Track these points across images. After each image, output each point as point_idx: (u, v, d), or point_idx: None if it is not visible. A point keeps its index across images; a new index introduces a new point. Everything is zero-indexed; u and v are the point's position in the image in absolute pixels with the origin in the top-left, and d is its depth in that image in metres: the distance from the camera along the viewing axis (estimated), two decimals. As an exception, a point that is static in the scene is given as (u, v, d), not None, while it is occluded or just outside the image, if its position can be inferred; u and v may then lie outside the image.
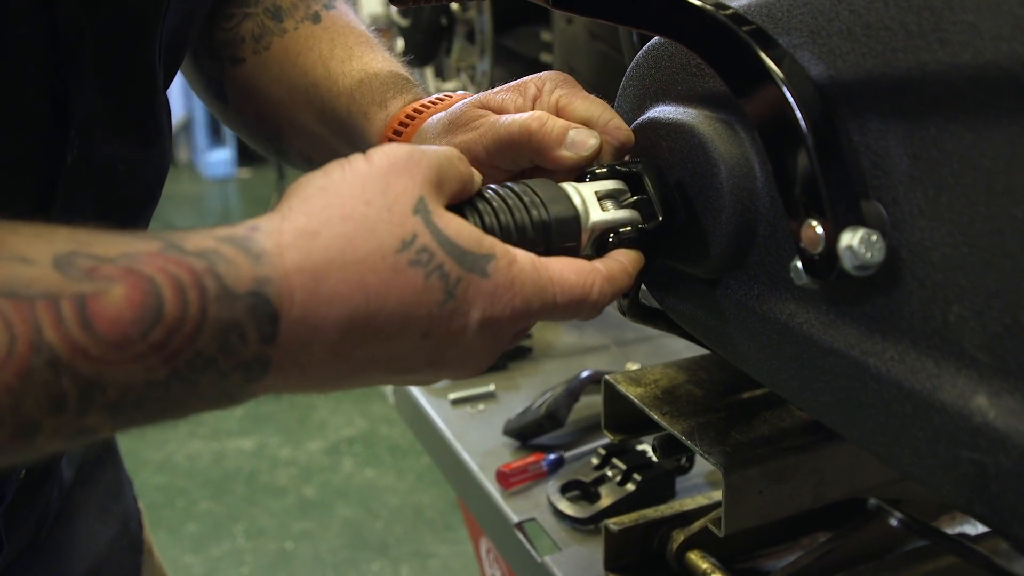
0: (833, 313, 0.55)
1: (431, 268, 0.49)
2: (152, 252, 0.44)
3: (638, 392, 0.86)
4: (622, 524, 0.95)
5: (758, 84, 0.52)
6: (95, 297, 0.42)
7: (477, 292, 0.50)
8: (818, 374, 0.57)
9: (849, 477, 0.80)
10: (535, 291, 0.53)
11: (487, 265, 0.51)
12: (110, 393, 0.42)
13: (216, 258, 0.45)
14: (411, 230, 0.48)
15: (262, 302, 0.45)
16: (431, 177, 0.51)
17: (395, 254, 0.48)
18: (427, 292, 0.49)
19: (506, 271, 0.51)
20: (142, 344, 0.42)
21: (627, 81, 0.71)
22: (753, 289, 0.61)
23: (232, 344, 0.45)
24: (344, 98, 0.77)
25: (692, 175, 0.62)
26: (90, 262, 0.43)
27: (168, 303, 0.43)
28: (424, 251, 0.49)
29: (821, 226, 0.50)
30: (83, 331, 0.41)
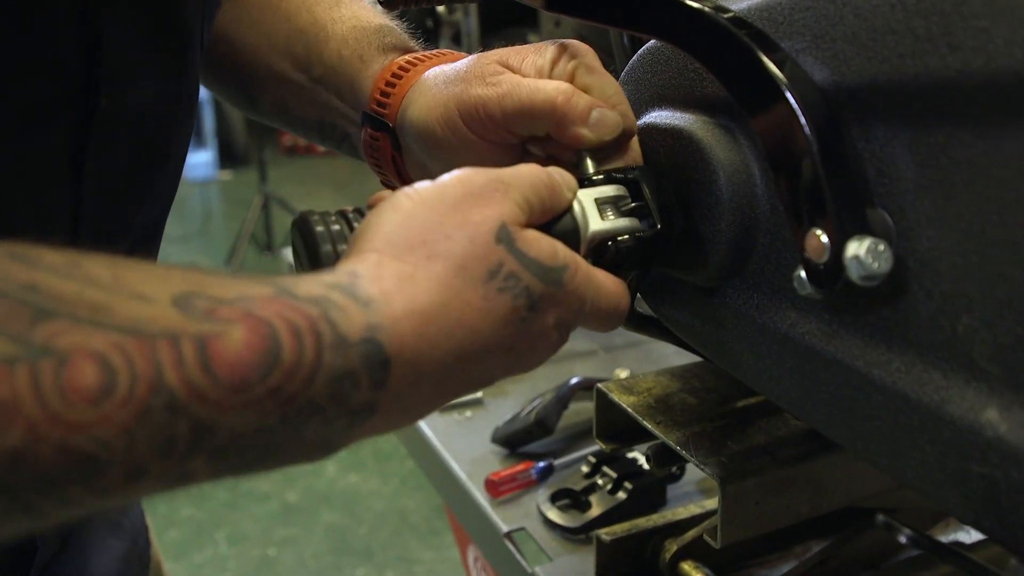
0: (836, 323, 0.54)
1: (518, 291, 0.50)
2: (266, 297, 0.43)
3: (631, 401, 0.84)
4: (614, 534, 0.93)
5: (760, 89, 0.51)
6: (215, 339, 0.41)
7: (552, 301, 0.52)
8: (820, 385, 0.55)
9: (846, 487, 0.79)
10: (591, 294, 0.54)
11: (563, 275, 0.52)
12: (219, 437, 0.41)
13: (328, 305, 0.44)
14: (497, 259, 0.49)
15: (375, 349, 0.45)
16: (510, 203, 0.51)
17: (484, 285, 0.48)
18: (514, 311, 0.50)
19: (575, 277, 0.53)
20: (260, 388, 0.41)
21: (623, 84, 0.70)
22: (752, 298, 0.60)
23: (344, 391, 0.44)
24: (335, 42, 0.75)
25: (690, 182, 0.61)
26: (208, 303, 0.42)
27: (286, 349, 0.42)
28: (511, 277, 0.49)
29: (826, 235, 0.49)
30: (203, 373, 0.40)
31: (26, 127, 0.54)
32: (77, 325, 0.38)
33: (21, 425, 0.36)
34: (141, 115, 0.63)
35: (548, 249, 0.52)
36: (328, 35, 0.75)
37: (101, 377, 0.38)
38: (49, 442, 0.37)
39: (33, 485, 0.38)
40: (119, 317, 0.39)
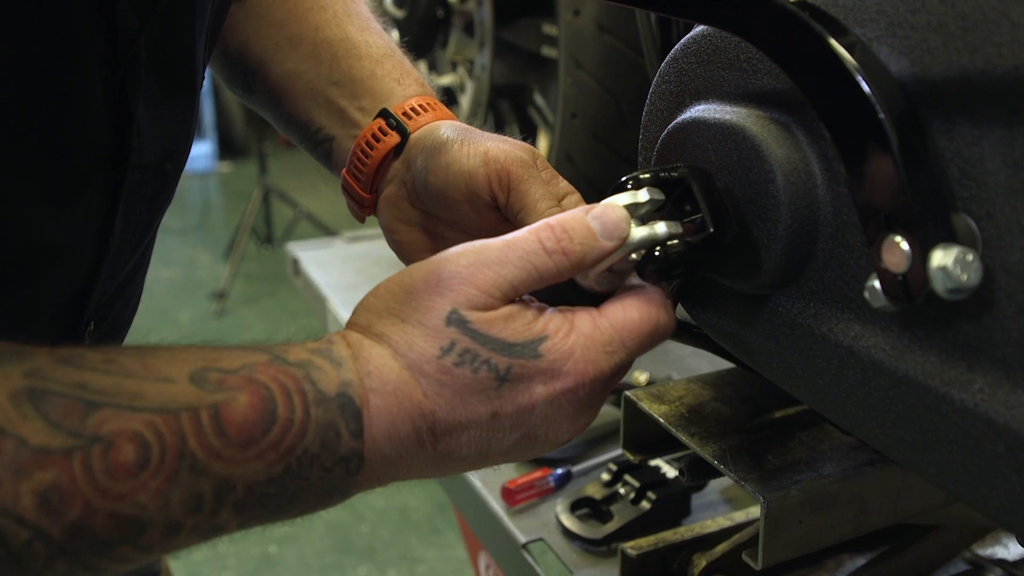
0: (908, 337, 0.50)
1: (477, 364, 0.53)
2: (264, 363, 0.51)
3: (662, 410, 0.80)
4: (640, 548, 0.89)
5: (829, 77, 0.46)
6: (226, 404, 0.48)
7: (533, 371, 0.54)
8: (888, 404, 0.51)
9: (893, 504, 0.74)
10: (602, 350, 0.55)
11: (538, 347, 0.54)
12: (238, 490, 0.48)
13: (310, 367, 0.51)
14: (448, 339, 0.53)
15: (348, 401, 0.51)
16: (470, 292, 0.54)
17: (437, 360, 0.53)
18: (478, 381, 0.53)
19: (562, 344, 0.54)
20: (263, 442, 0.49)
21: (662, 77, 0.65)
22: (809, 307, 0.56)
23: (331, 440, 0.50)
24: (368, 61, 0.80)
25: (743, 182, 0.56)
26: (218, 375, 0.49)
27: (280, 406, 0.49)
28: (466, 352, 0.53)
29: (907, 243, 0.44)
30: (218, 436, 0.48)
31: (62, 197, 0.60)
32: (118, 412, 0.46)
33: (79, 503, 0.44)
34: (160, 160, 0.69)
35: (517, 327, 0.54)
36: (361, 53, 0.81)
37: (138, 452, 0.46)
38: (101, 512, 0.45)
39: (91, 548, 0.46)
40: (150, 400, 0.47)
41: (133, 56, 0.61)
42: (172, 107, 0.69)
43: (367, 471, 0.52)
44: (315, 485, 0.51)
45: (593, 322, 0.56)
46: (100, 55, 0.59)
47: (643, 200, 0.56)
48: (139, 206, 0.69)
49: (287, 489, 0.50)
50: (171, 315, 4.39)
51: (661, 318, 0.57)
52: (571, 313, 0.56)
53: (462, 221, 0.72)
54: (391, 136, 0.76)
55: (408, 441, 0.53)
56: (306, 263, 1.88)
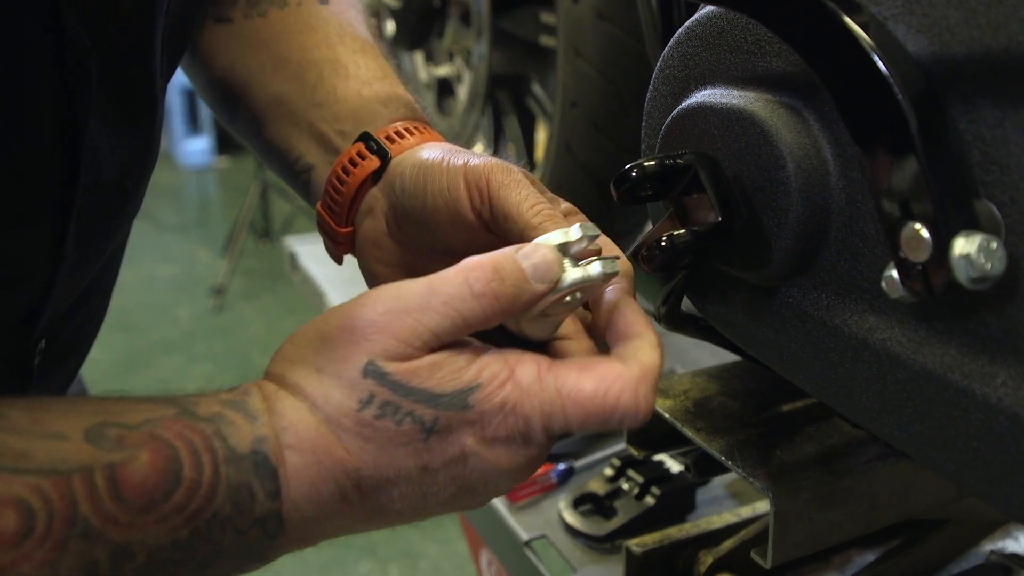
0: (925, 329, 0.48)
1: (400, 416, 0.49)
2: (169, 417, 0.47)
3: (667, 405, 0.78)
4: (645, 545, 0.87)
5: (844, 57, 0.44)
6: (124, 465, 0.45)
7: (461, 422, 0.50)
8: (905, 399, 0.49)
9: (904, 499, 0.73)
10: (538, 408, 0.50)
11: (468, 398, 0.50)
12: (139, 557, 0.45)
13: (222, 421, 0.48)
14: (366, 391, 0.49)
15: (263, 459, 0.48)
16: (378, 344, 0.50)
17: (357, 413, 0.49)
18: (403, 434, 0.49)
19: (495, 395, 0.50)
20: (165, 506, 0.45)
21: (666, 62, 0.63)
22: (821, 299, 0.54)
23: (244, 502, 0.47)
24: (355, 81, 0.73)
25: (752, 169, 0.54)
26: (118, 431, 0.46)
27: (186, 466, 0.46)
28: (387, 405, 0.49)
29: (927, 230, 0.42)
30: (114, 500, 0.44)
31: (10, 225, 0.57)
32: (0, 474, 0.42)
33: None
34: (119, 178, 0.65)
35: (445, 375, 0.50)
36: (348, 73, 0.75)
37: (21, 520, 0.42)
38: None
39: None
40: (38, 460, 0.43)
41: (83, 75, 0.58)
42: (131, 124, 0.65)
43: (288, 533, 0.49)
44: (229, 549, 0.47)
45: (538, 376, 0.50)
46: (47, 75, 0.56)
47: (575, 238, 0.52)
48: (94, 225, 0.64)
49: (196, 554, 0.46)
50: (170, 312, 4.37)
51: (623, 402, 0.50)
52: (515, 358, 0.51)
53: (450, 248, 0.64)
54: (370, 160, 0.68)
55: (332, 500, 0.49)
56: (304, 257, 1.86)
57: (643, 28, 0.93)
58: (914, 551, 0.86)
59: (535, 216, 0.56)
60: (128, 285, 4.49)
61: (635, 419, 0.51)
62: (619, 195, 0.56)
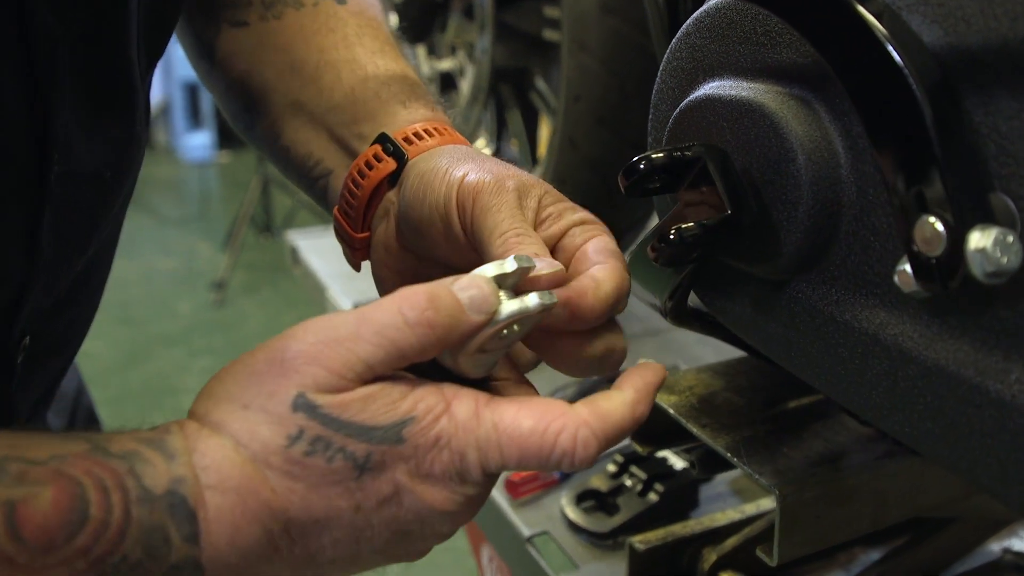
0: (938, 325, 0.47)
1: (331, 452, 0.46)
2: (80, 453, 0.44)
3: (672, 401, 0.77)
4: (648, 542, 0.87)
5: (861, 49, 0.43)
6: (24, 502, 0.42)
7: (395, 457, 0.47)
8: (916, 396, 0.48)
9: (913, 497, 0.72)
10: (474, 444, 0.48)
11: (402, 431, 0.47)
12: None
13: (136, 459, 0.45)
14: (296, 426, 0.46)
15: (179, 501, 0.44)
16: (308, 375, 0.47)
17: (285, 450, 0.46)
18: (335, 472, 0.47)
19: (430, 428, 0.48)
20: (68, 548, 0.42)
21: (673, 54, 0.63)
22: (831, 293, 0.53)
23: (157, 546, 0.44)
24: (373, 83, 0.71)
25: (762, 161, 0.53)
26: (21, 466, 0.43)
27: (93, 505, 0.43)
28: (318, 440, 0.46)
29: (942, 223, 0.41)
30: (11, 539, 0.41)
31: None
32: None
33: None
34: (96, 169, 0.63)
35: (379, 408, 0.47)
36: (366, 74, 0.73)
37: None
38: None
39: None
40: None
41: (51, 62, 0.56)
42: (108, 115, 0.63)
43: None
44: None
45: (475, 411, 0.48)
46: (13, 62, 0.54)
47: (510, 270, 0.50)
48: (72, 217, 0.63)
49: None
50: (170, 306, 4.37)
51: (561, 442, 0.48)
52: (452, 392, 0.49)
53: (446, 262, 0.62)
54: (386, 163, 0.65)
55: (258, 546, 0.46)
56: (305, 251, 1.85)
57: (649, 21, 0.92)
58: (920, 550, 0.85)
59: (501, 246, 0.54)
60: (129, 279, 4.48)
61: (573, 463, 0.48)
62: (627, 188, 0.55)
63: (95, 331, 0.80)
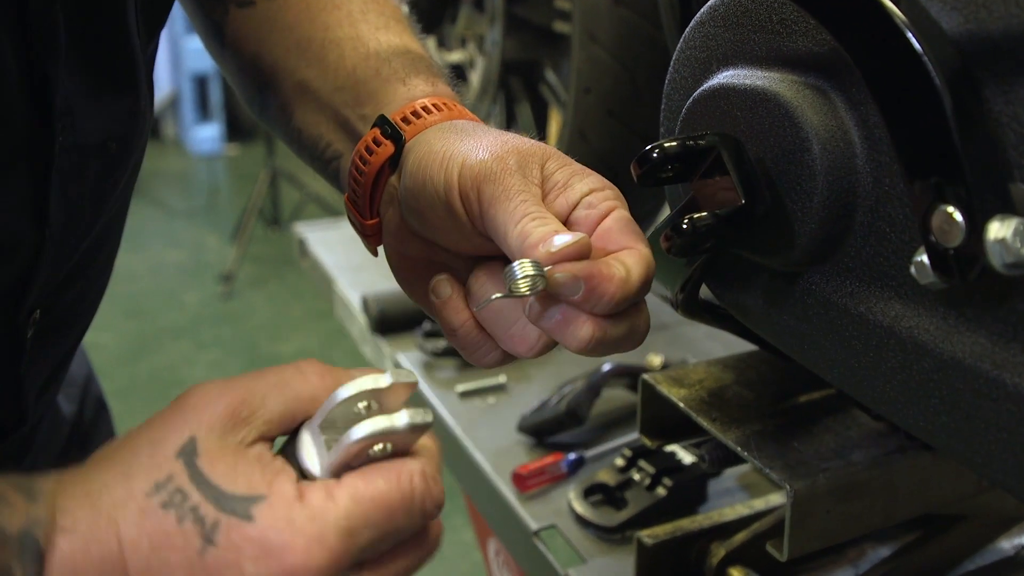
0: (954, 317, 0.46)
1: (183, 510, 0.44)
2: None
3: (682, 394, 0.77)
4: (657, 537, 0.86)
5: (880, 37, 0.43)
6: None
7: (243, 538, 0.44)
8: (932, 389, 0.48)
9: (923, 493, 0.71)
10: (334, 526, 0.45)
11: (251, 507, 0.44)
12: None
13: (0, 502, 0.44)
14: (167, 472, 0.45)
15: (30, 542, 0.43)
16: (219, 416, 0.47)
17: (146, 497, 0.45)
18: (181, 537, 0.44)
19: (280, 511, 0.44)
20: None
21: (687, 43, 0.62)
22: (846, 285, 0.52)
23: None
24: (374, 60, 0.70)
25: (776, 151, 0.53)
26: None
27: None
28: (178, 492, 0.45)
29: (960, 214, 0.41)
30: None
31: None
32: None
33: None
34: (102, 141, 0.63)
35: (240, 474, 0.45)
36: (369, 52, 0.71)
37: None
38: None
39: None
40: None
41: (48, 28, 0.55)
42: (109, 87, 0.62)
43: None
44: None
45: (327, 493, 0.46)
46: (9, 22, 0.53)
47: (384, 385, 0.48)
48: (80, 189, 0.62)
49: None
50: (178, 297, 4.37)
51: (416, 487, 0.47)
52: (305, 485, 0.46)
53: (452, 247, 0.61)
54: (385, 147, 0.63)
55: None
56: (313, 244, 1.85)
57: (660, 11, 0.92)
58: (930, 546, 0.84)
59: (518, 237, 0.52)
60: (137, 271, 4.49)
61: (433, 502, 0.48)
62: (639, 176, 0.55)
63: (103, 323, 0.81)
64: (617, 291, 0.50)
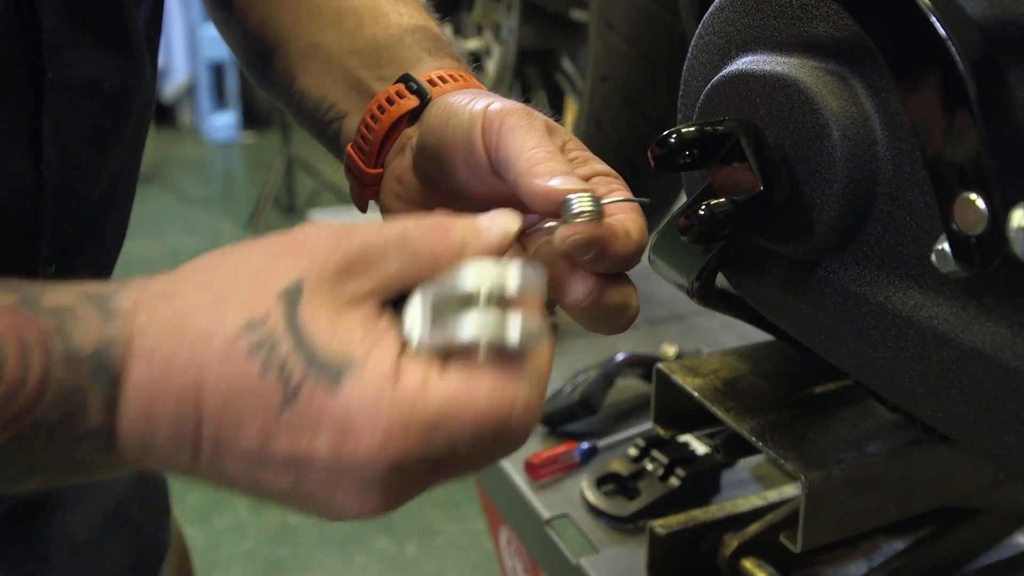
0: (975, 306, 0.46)
1: (271, 361, 0.41)
2: (5, 307, 0.41)
3: (696, 384, 0.76)
4: (670, 527, 0.86)
5: (903, 21, 0.42)
6: None
7: (324, 408, 0.41)
8: (951, 379, 0.47)
9: (939, 486, 0.71)
10: (418, 425, 0.41)
11: (342, 373, 0.41)
12: None
13: (68, 316, 0.42)
14: (265, 311, 0.42)
15: (104, 364, 0.41)
16: (331, 262, 0.43)
17: (235, 335, 0.41)
18: (262, 387, 0.41)
19: (370, 384, 0.41)
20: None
21: (705, 29, 0.61)
22: (864, 274, 0.52)
23: (74, 410, 0.41)
24: (396, 29, 0.70)
25: (795, 138, 0.52)
26: None
27: (10, 365, 0.40)
28: (268, 339, 0.41)
29: (983, 201, 0.40)
30: None
31: None
32: None
33: None
34: (94, 82, 0.62)
35: (336, 335, 0.42)
36: (390, 21, 0.70)
37: None
38: None
39: None
40: None
41: None
42: (94, 28, 0.61)
43: (122, 452, 0.42)
44: (55, 459, 0.42)
45: (423, 381, 0.41)
46: None
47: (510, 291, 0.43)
48: (75, 131, 0.61)
49: (17, 461, 0.41)
50: (193, 284, 4.39)
51: (514, 416, 0.42)
52: (405, 360, 0.42)
53: (464, 190, 0.60)
54: (408, 99, 0.64)
55: (169, 429, 0.42)
56: (327, 231, 1.85)
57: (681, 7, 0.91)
58: (945, 540, 0.84)
59: (527, 160, 0.51)
60: (152, 257, 4.50)
61: (526, 434, 0.43)
62: (657, 162, 0.54)
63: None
64: (620, 247, 0.50)
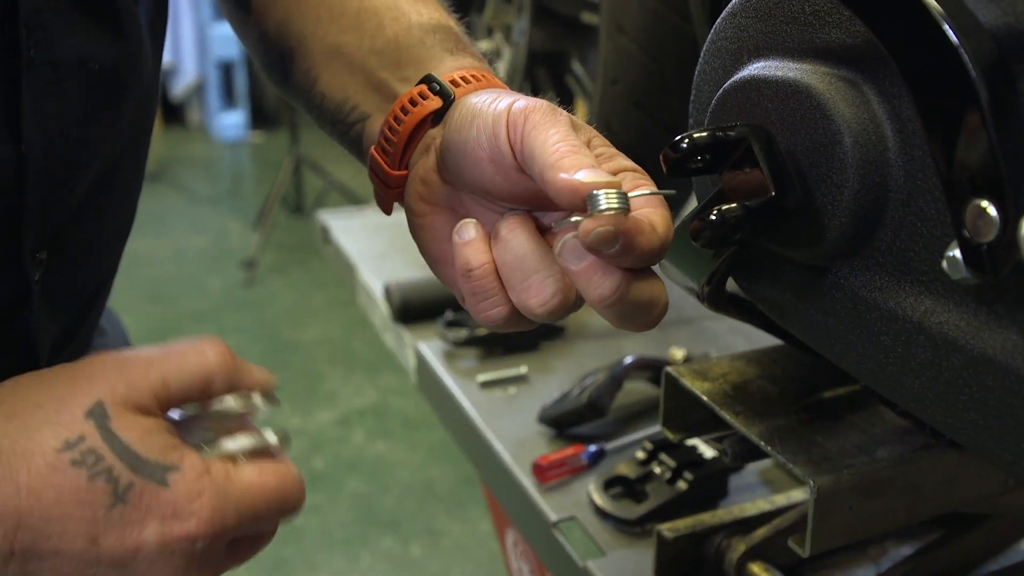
0: (986, 313, 0.46)
1: (97, 470, 0.48)
2: None
3: (705, 388, 0.76)
4: (677, 530, 0.86)
5: (916, 28, 0.42)
6: None
7: (155, 501, 0.49)
8: (961, 386, 0.47)
9: (948, 491, 0.71)
10: (232, 505, 0.51)
11: (167, 475, 0.49)
12: None
13: None
14: (80, 431, 0.48)
15: None
16: (123, 384, 0.50)
17: (56, 453, 0.48)
18: (90, 492, 0.48)
19: (193, 483, 0.50)
20: None
21: (718, 34, 0.62)
22: (875, 279, 0.52)
23: None
24: (418, 30, 0.69)
25: (807, 144, 0.52)
26: None
27: None
28: (91, 453, 0.48)
29: (995, 208, 0.40)
30: None
31: None
32: None
33: None
34: (81, 63, 0.62)
35: (157, 443, 0.50)
36: (411, 22, 0.71)
37: None
38: None
39: None
40: None
41: None
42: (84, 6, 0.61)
43: None
44: None
45: (227, 474, 0.52)
46: None
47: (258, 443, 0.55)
48: (59, 110, 0.61)
49: None
50: (200, 283, 4.39)
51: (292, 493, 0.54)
52: (208, 460, 0.52)
53: (489, 189, 0.60)
54: (432, 100, 0.64)
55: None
56: (336, 231, 1.85)
57: (690, 2, 0.91)
58: (953, 546, 0.84)
59: (552, 155, 0.52)
60: (160, 256, 4.51)
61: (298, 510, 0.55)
62: (669, 166, 0.54)
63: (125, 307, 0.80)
64: (646, 241, 0.49)
